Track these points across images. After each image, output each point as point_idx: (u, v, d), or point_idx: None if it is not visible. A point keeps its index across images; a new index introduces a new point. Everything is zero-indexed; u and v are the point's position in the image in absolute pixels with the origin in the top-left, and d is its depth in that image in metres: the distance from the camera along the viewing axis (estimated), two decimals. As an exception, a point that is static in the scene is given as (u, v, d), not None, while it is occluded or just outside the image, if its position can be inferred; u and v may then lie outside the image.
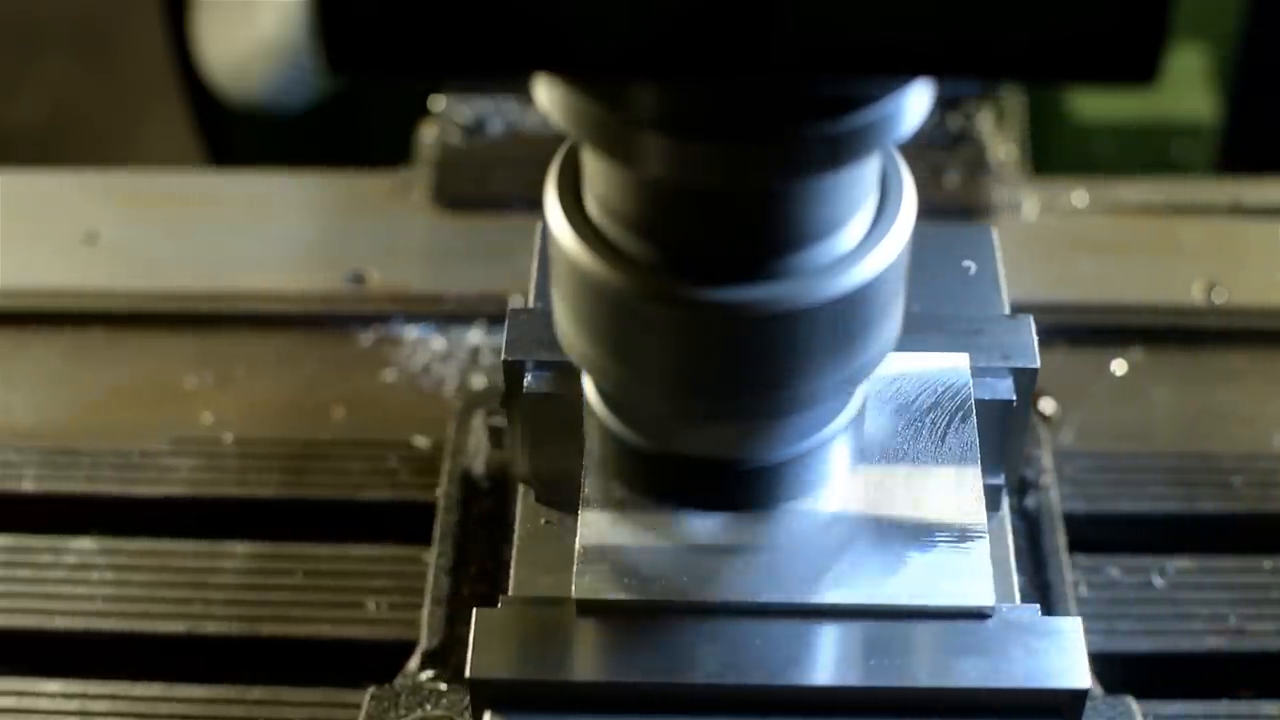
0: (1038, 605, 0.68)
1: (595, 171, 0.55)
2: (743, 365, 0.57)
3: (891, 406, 0.71)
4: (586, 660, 0.64)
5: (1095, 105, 1.62)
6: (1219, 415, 0.95)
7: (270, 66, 1.55)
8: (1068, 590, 0.81)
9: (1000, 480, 0.75)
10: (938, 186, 1.06)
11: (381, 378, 0.95)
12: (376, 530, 0.86)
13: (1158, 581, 0.85)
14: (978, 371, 0.72)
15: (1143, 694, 0.81)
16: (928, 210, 0.59)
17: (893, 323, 0.59)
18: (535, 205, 0.57)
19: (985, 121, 1.11)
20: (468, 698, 0.75)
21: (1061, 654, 0.65)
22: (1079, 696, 0.64)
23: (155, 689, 0.80)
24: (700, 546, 0.67)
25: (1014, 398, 0.72)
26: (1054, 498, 0.84)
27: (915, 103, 0.50)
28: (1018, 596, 0.72)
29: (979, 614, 0.66)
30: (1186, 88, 1.66)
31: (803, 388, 0.57)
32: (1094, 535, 0.86)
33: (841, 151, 0.49)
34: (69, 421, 0.94)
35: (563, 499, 0.73)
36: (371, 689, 0.76)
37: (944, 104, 1.11)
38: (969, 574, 0.66)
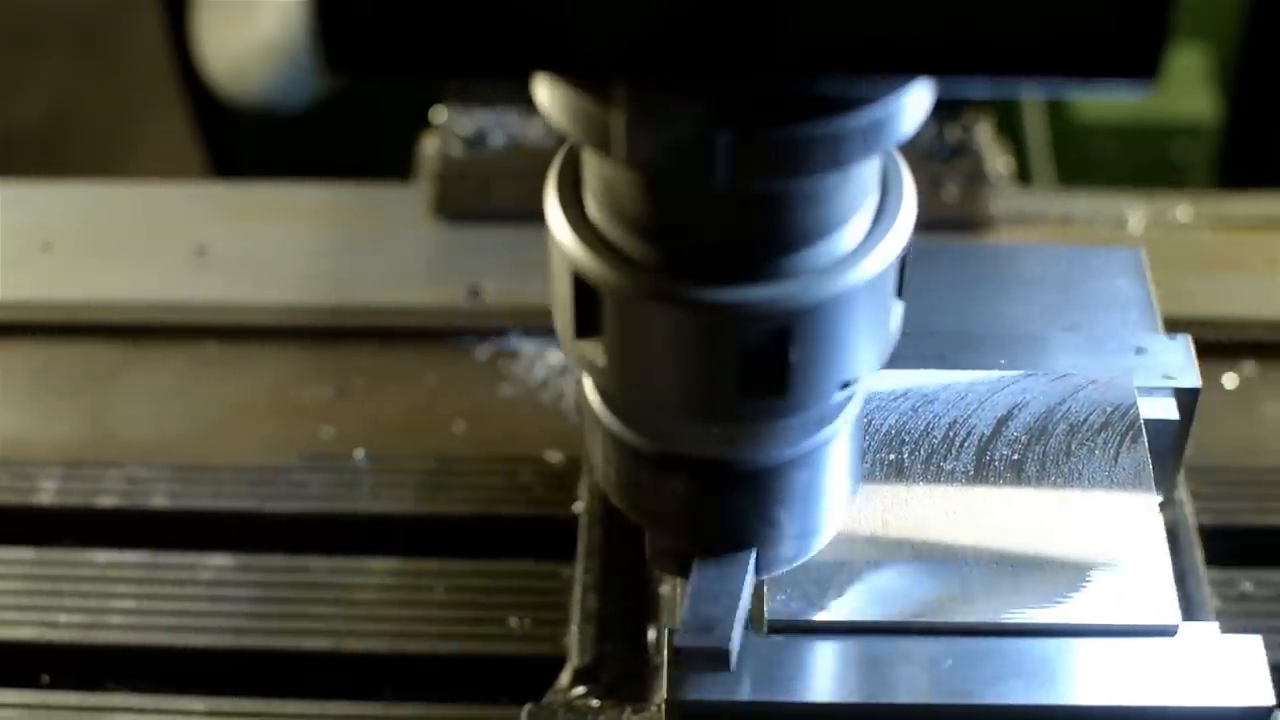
0: (1216, 623, 0.69)
1: (595, 172, 0.55)
2: (740, 366, 0.56)
3: (1063, 427, 0.71)
4: (781, 682, 0.65)
5: (1095, 105, 1.63)
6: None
7: (270, 66, 1.55)
8: (1208, 605, 0.82)
9: (1159, 499, 0.76)
10: (936, 198, 1.07)
11: (500, 392, 0.96)
12: (514, 546, 0.86)
13: (1248, 588, 0.86)
14: (1140, 391, 0.73)
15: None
16: (926, 222, 0.59)
17: (893, 321, 0.59)
18: (537, 216, 0.56)
19: (983, 133, 1.11)
20: (625, 713, 0.76)
21: (1245, 671, 0.66)
22: (1263, 714, 0.65)
23: (301, 706, 0.80)
24: (887, 565, 0.67)
25: (1178, 417, 0.73)
26: (1189, 512, 0.85)
27: (915, 103, 0.50)
28: (1179, 612, 0.73)
29: (1163, 631, 0.66)
30: (1186, 88, 1.68)
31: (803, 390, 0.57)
32: (1225, 549, 0.87)
33: (842, 152, 0.50)
34: (191, 436, 0.93)
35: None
36: (528, 706, 0.76)
37: (942, 115, 1.12)
38: (1152, 592, 0.67)
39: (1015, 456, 0.70)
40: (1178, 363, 0.75)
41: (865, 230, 0.55)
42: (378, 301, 0.99)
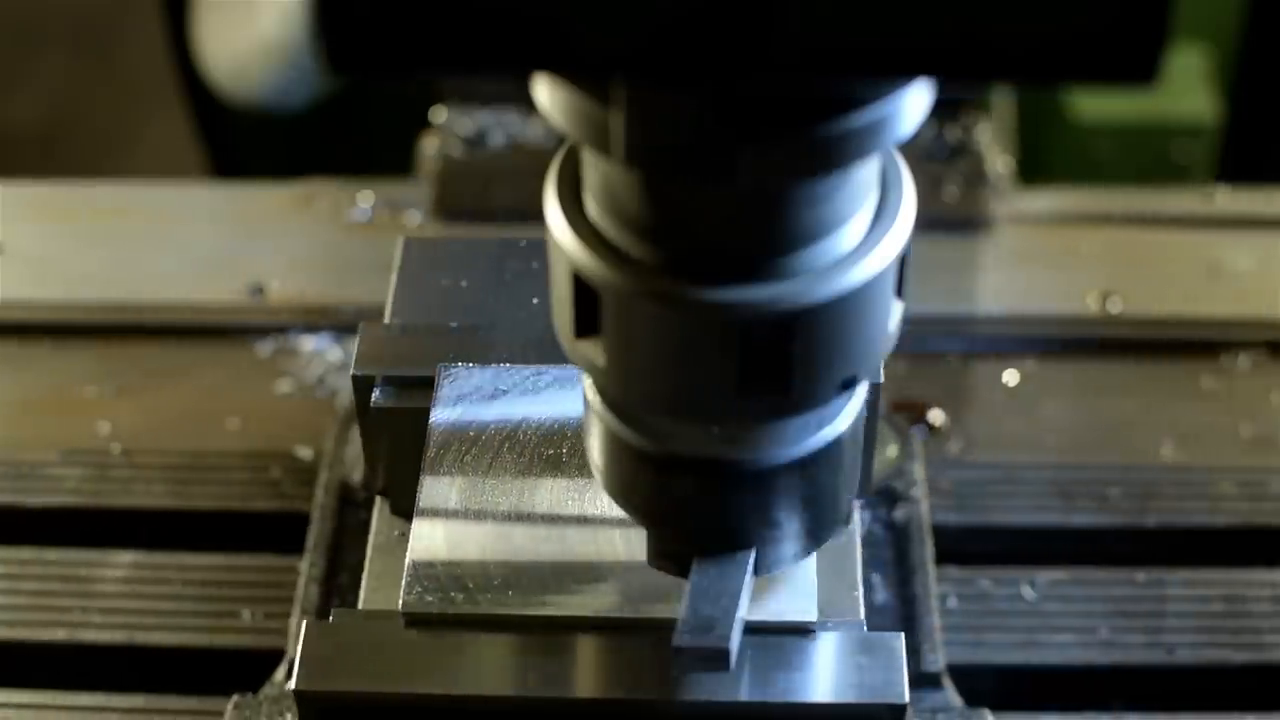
0: (862, 621, 0.69)
1: (594, 171, 0.55)
2: (740, 366, 0.56)
3: (730, 422, 0.71)
4: (411, 673, 0.65)
5: (1095, 106, 1.62)
6: (1108, 426, 0.96)
7: (270, 66, 1.56)
8: (932, 603, 0.82)
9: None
10: (936, 199, 1.07)
11: (277, 388, 0.97)
12: (259, 540, 0.87)
13: (1028, 593, 0.85)
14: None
15: (1012, 706, 0.82)
16: (926, 223, 0.59)
17: (893, 321, 0.58)
18: (536, 217, 0.56)
19: (983, 133, 1.11)
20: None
21: (882, 669, 0.66)
22: (897, 712, 0.65)
23: (35, 696, 0.81)
24: (529, 559, 0.68)
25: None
26: (923, 510, 0.85)
27: (914, 103, 0.50)
28: (862, 611, 0.73)
29: (802, 629, 0.66)
30: (1186, 88, 1.66)
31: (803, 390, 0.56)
32: (969, 547, 0.87)
33: (843, 152, 0.50)
34: (-31, 432, 0.95)
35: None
36: (235, 697, 0.77)
37: (942, 116, 1.11)
38: (794, 590, 0.67)
39: (676, 452, 0.70)
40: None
41: (865, 229, 0.55)
42: (164, 299, 1.01)
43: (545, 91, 0.51)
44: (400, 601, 0.67)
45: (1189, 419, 0.96)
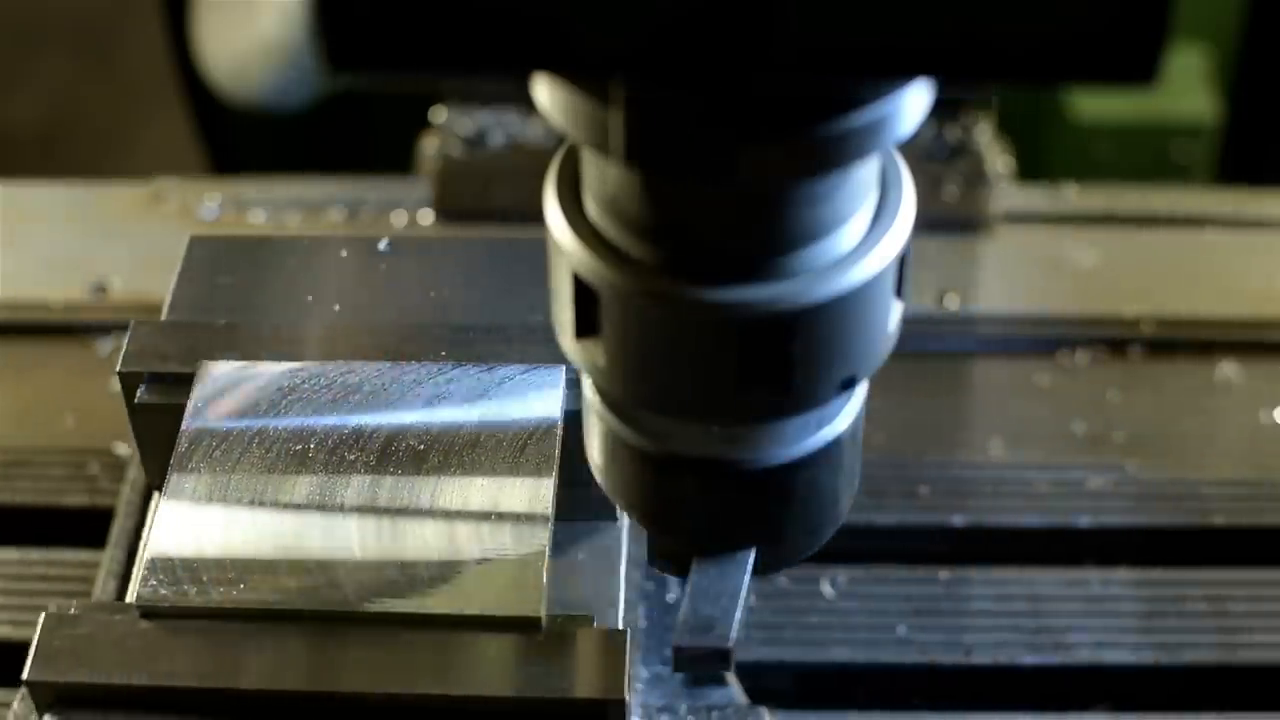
0: (592, 616, 0.69)
1: (593, 171, 0.55)
2: (740, 366, 0.56)
3: (477, 416, 0.72)
4: (141, 664, 0.66)
5: (1095, 106, 1.62)
6: (936, 424, 0.95)
7: (270, 66, 1.57)
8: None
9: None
10: (936, 199, 1.07)
11: (113, 386, 0.98)
12: (71, 535, 0.89)
13: (828, 590, 0.85)
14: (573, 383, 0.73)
15: (809, 704, 0.82)
16: (926, 222, 0.59)
17: (892, 320, 0.58)
18: (536, 217, 0.56)
19: (983, 133, 1.11)
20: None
21: (603, 665, 0.66)
22: (616, 709, 0.66)
23: None
24: (266, 554, 0.69)
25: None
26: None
27: (914, 103, 0.50)
28: (622, 607, 0.73)
29: (528, 623, 0.67)
30: (1186, 88, 1.66)
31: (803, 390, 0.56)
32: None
33: (840, 152, 0.50)
34: None
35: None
36: (23, 689, 0.78)
37: (942, 116, 1.11)
38: (523, 584, 0.68)
39: (420, 447, 0.71)
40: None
41: (865, 229, 0.55)
42: (6, 297, 1.02)
43: (545, 91, 0.51)
44: (135, 594, 0.68)
45: (1021, 417, 0.96)
